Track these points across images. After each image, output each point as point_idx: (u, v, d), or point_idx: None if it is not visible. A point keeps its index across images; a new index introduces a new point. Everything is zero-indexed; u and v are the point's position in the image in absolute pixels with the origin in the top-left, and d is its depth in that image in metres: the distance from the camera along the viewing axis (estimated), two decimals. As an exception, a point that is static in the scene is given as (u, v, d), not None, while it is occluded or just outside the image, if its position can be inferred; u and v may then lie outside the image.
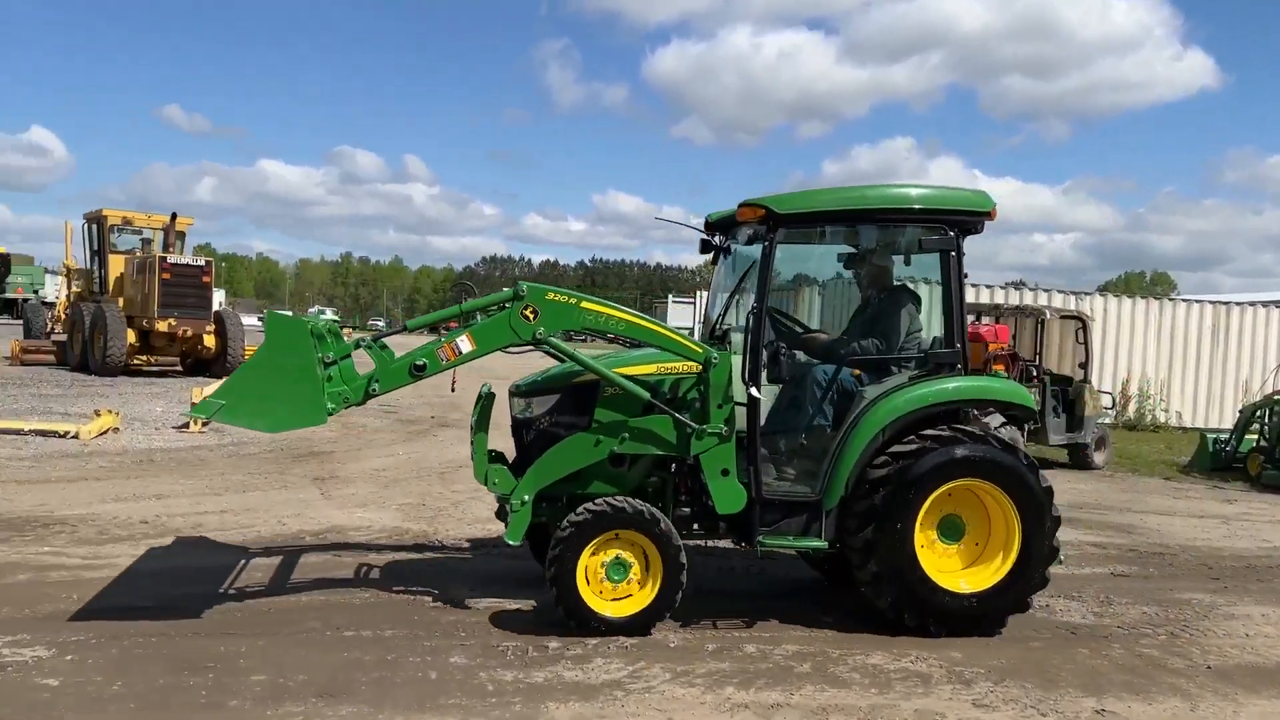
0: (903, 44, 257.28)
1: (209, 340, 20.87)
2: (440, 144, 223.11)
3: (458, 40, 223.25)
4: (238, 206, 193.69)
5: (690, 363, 5.72)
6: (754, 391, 5.65)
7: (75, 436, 11.37)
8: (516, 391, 6.19)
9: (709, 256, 6.67)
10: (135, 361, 20.77)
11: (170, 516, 7.87)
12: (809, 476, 5.88)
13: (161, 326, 19.95)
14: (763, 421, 5.80)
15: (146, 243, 21.94)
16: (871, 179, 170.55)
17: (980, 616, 5.70)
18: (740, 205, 5.84)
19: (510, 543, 5.70)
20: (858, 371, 6.07)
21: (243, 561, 6.67)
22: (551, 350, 5.66)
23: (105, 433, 11.87)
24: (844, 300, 16.85)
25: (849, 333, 6.37)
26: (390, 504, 8.88)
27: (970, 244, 5.98)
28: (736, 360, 5.71)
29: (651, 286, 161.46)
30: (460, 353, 5.57)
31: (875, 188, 6.04)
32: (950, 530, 5.82)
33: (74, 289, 23.55)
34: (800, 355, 6.27)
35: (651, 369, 5.84)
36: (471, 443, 5.97)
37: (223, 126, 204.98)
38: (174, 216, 21.35)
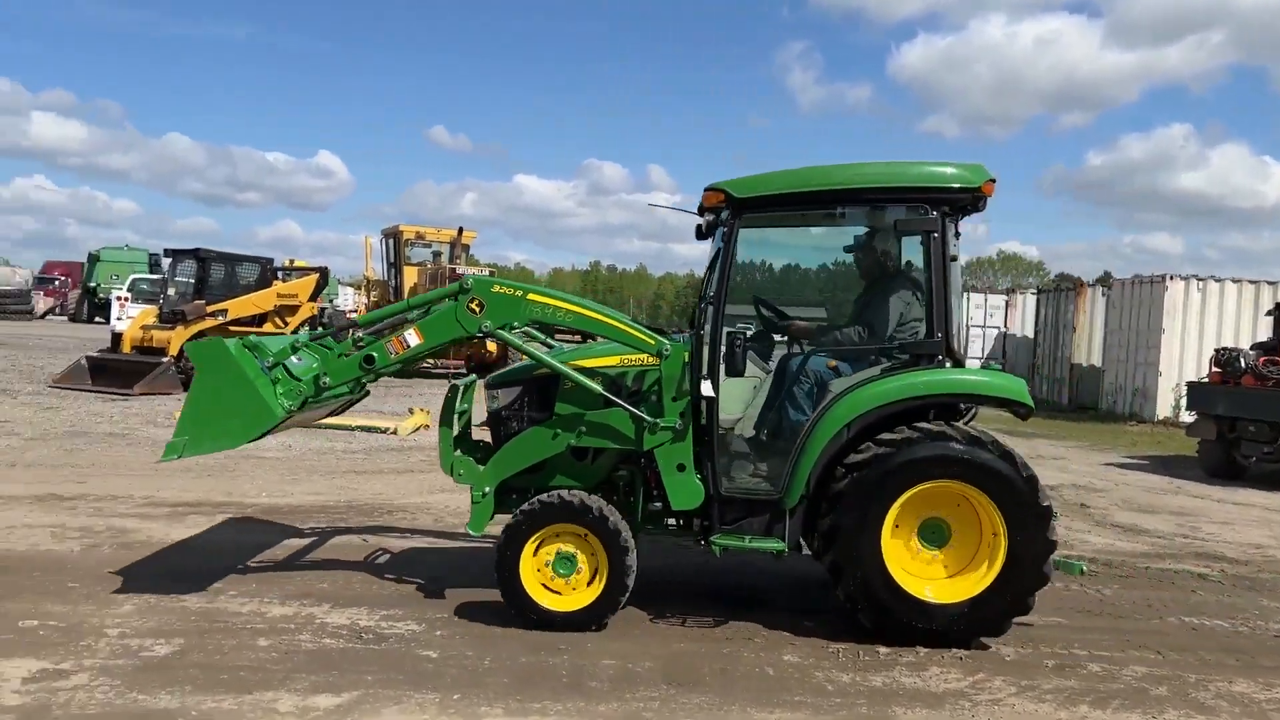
0: (1177, 23, 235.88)
1: (490, 345, 22.34)
2: (682, 154, 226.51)
3: (700, 50, 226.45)
4: (496, 219, 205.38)
5: (645, 355, 5.55)
6: (706, 387, 5.38)
7: (394, 432, 12.53)
8: (488, 384, 6.13)
9: (707, 242, 6.13)
10: (426, 364, 22.55)
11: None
12: (772, 474, 5.55)
13: (452, 333, 21.55)
14: (724, 415, 5.58)
15: (436, 255, 23.79)
16: (1143, 170, 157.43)
17: (965, 625, 5.23)
18: (705, 190, 5.58)
19: (471, 532, 5.74)
20: (833, 363, 5.69)
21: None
22: (502, 341, 5.68)
23: (418, 429, 12.99)
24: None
25: (845, 321, 5.97)
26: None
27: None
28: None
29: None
30: (408, 346, 5.63)
31: (841, 167, 5.62)
32: (933, 535, 5.36)
33: (372, 298, 25.88)
34: (764, 346, 5.99)
35: (615, 361, 5.68)
36: (439, 435, 5.96)
37: (482, 144, 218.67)
38: (460, 230, 23.04)
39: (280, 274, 19.59)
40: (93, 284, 45.93)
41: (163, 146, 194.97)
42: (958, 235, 5.56)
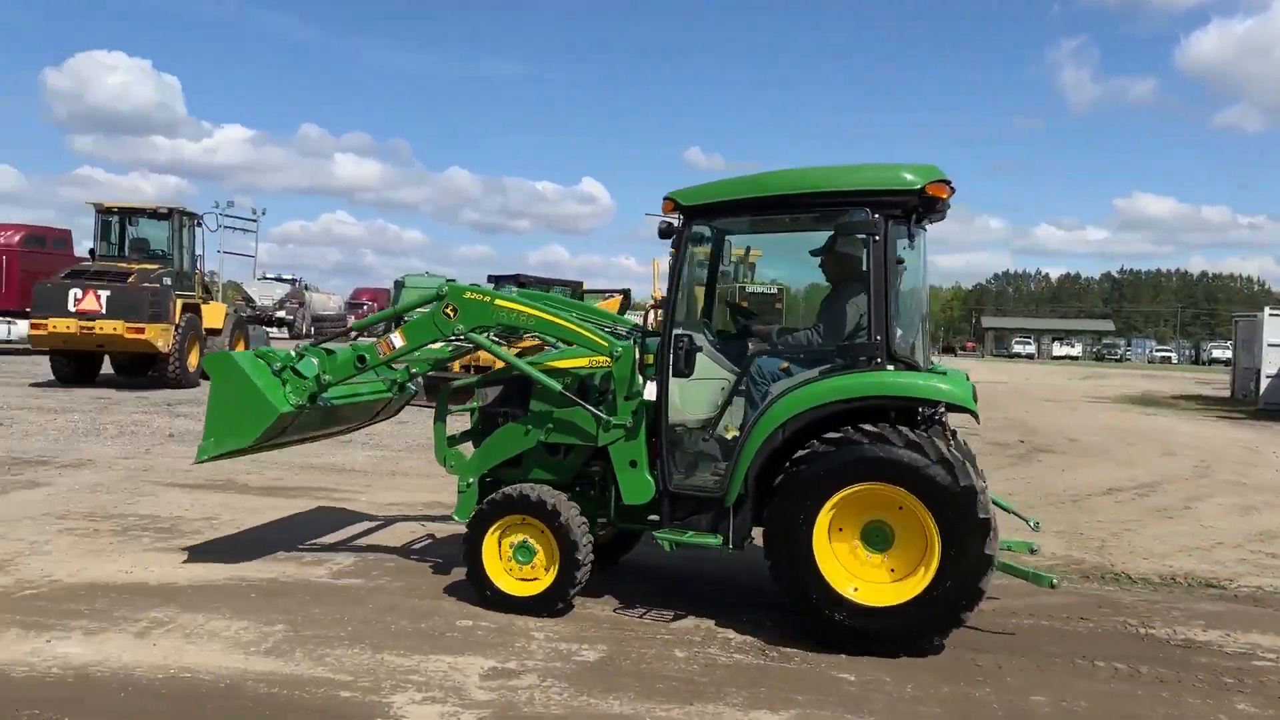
0: None
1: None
2: (943, 159, 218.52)
3: (958, 52, 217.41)
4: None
5: (601, 356, 5.77)
6: (649, 389, 5.61)
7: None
8: (479, 383, 6.76)
9: (705, 246, 6.32)
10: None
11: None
12: (718, 472, 5.65)
13: (741, 350, 21.71)
14: (689, 414, 5.74)
15: (724, 274, 24.06)
16: None
17: (897, 631, 5.13)
18: (663, 199, 5.75)
19: (456, 518, 6.07)
20: (785, 365, 5.69)
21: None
22: (474, 343, 6.20)
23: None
24: None
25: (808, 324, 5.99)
26: (1044, 530, 8.60)
27: None
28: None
29: (1194, 299, 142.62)
30: (394, 347, 6.20)
31: (780, 173, 5.73)
32: (877, 539, 5.26)
33: (657, 317, 26.60)
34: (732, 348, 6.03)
35: (584, 362, 5.96)
36: (434, 430, 6.54)
37: (735, 163, 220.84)
38: (747, 250, 23.19)
39: (584, 296, 20.47)
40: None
41: (445, 180, 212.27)
42: (911, 238, 5.52)
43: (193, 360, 19.24)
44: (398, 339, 6.22)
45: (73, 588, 5.89)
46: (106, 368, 20.05)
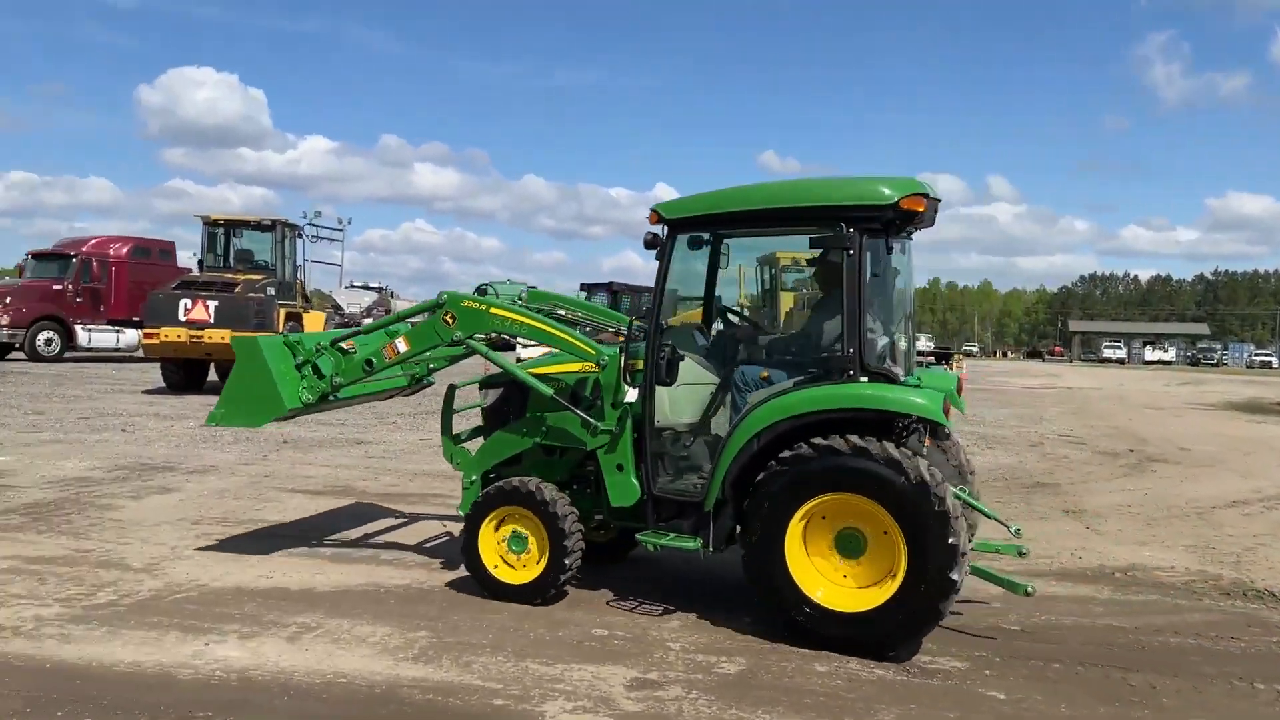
0: None
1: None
2: (1025, 161, 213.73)
3: (1041, 51, 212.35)
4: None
5: (589, 363, 6.03)
6: (631, 393, 5.83)
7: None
8: (481, 384, 6.92)
9: (706, 255, 6.42)
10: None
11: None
12: (700, 477, 5.82)
13: (832, 356, 21.45)
14: (675, 419, 5.92)
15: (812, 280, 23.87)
16: None
17: (871, 634, 5.23)
18: (650, 210, 5.93)
19: (460, 513, 6.30)
20: (766, 374, 5.78)
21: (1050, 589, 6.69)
22: (472, 349, 6.49)
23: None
24: None
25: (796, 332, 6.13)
26: (1172, 544, 8.36)
27: None
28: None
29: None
30: (399, 352, 6.47)
31: (760, 186, 5.86)
32: (850, 546, 5.37)
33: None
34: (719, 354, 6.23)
35: (577, 368, 6.20)
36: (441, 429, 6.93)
37: (810, 165, 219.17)
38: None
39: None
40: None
41: (521, 188, 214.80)
42: (889, 250, 5.59)
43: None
44: (402, 344, 6.49)
45: (219, 592, 6.09)
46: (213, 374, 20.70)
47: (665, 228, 5.94)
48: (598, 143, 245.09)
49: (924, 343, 72.91)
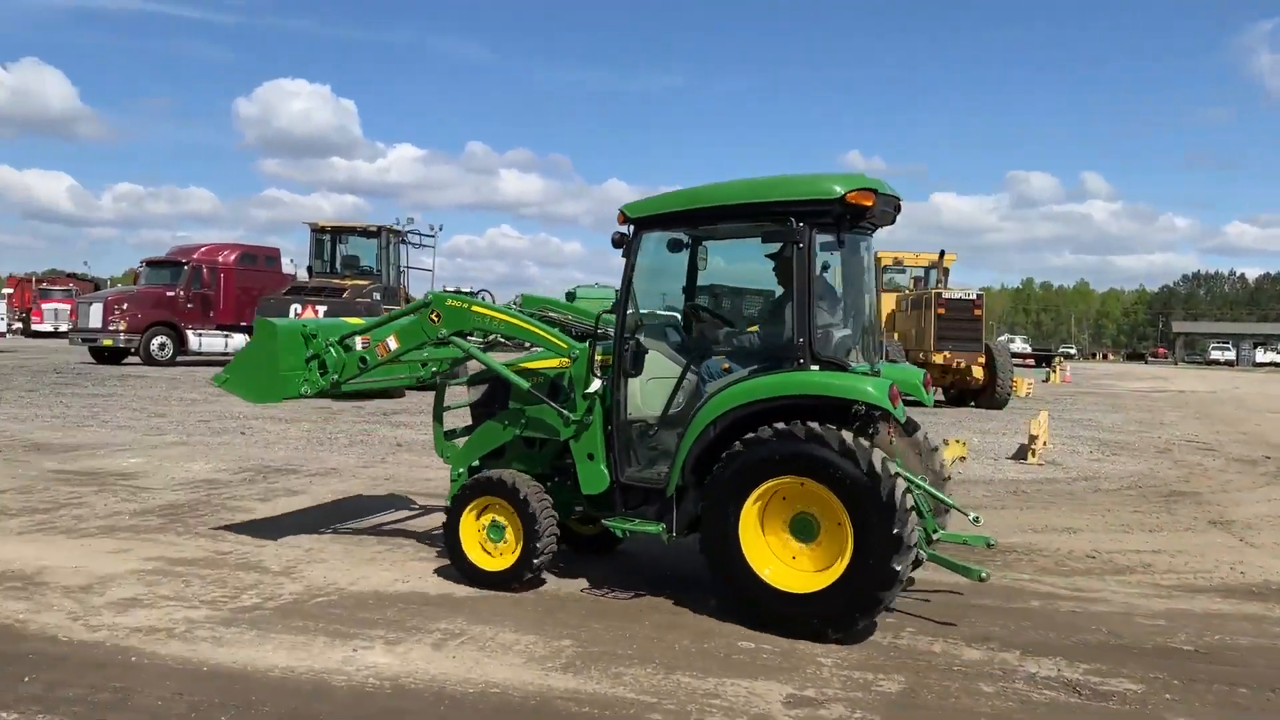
0: None
1: (977, 372, 21.40)
2: (1121, 157, 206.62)
3: (1141, 42, 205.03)
4: (911, 240, 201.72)
5: (564, 357, 6.30)
6: (595, 384, 6.06)
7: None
8: (469, 381, 7.50)
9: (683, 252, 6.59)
10: (910, 393, 22.05)
11: (1111, 553, 7.82)
12: (663, 464, 6.02)
13: (937, 359, 20.95)
14: (647, 410, 6.16)
15: (916, 280, 23.39)
16: None
17: (815, 617, 5.39)
18: (619, 210, 6.18)
19: (448, 503, 6.53)
20: (727, 365, 6.03)
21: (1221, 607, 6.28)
22: (456, 346, 6.73)
23: (955, 461, 12.59)
24: None
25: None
26: (1340, 559, 7.83)
27: None
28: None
29: None
30: (390, 349, 6.75)
31: (713, 186, 6.05)
32: (804, 530, 5.56)
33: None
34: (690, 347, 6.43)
35: (555, 363, 6.46)
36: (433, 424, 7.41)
37: (897, 166, 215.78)
38: (942, 254, 22.44)
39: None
40: (569, 319, 51.47)
41: (603, 193, 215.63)
42: (841, 244, 5.81)
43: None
44: (392, 341, 6.78)
45: (358, 596, 6.10)
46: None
47: (631, 227, 6.19)
48: (678, 146, 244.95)
49: (1020, 344, 70.96)
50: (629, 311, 6.10)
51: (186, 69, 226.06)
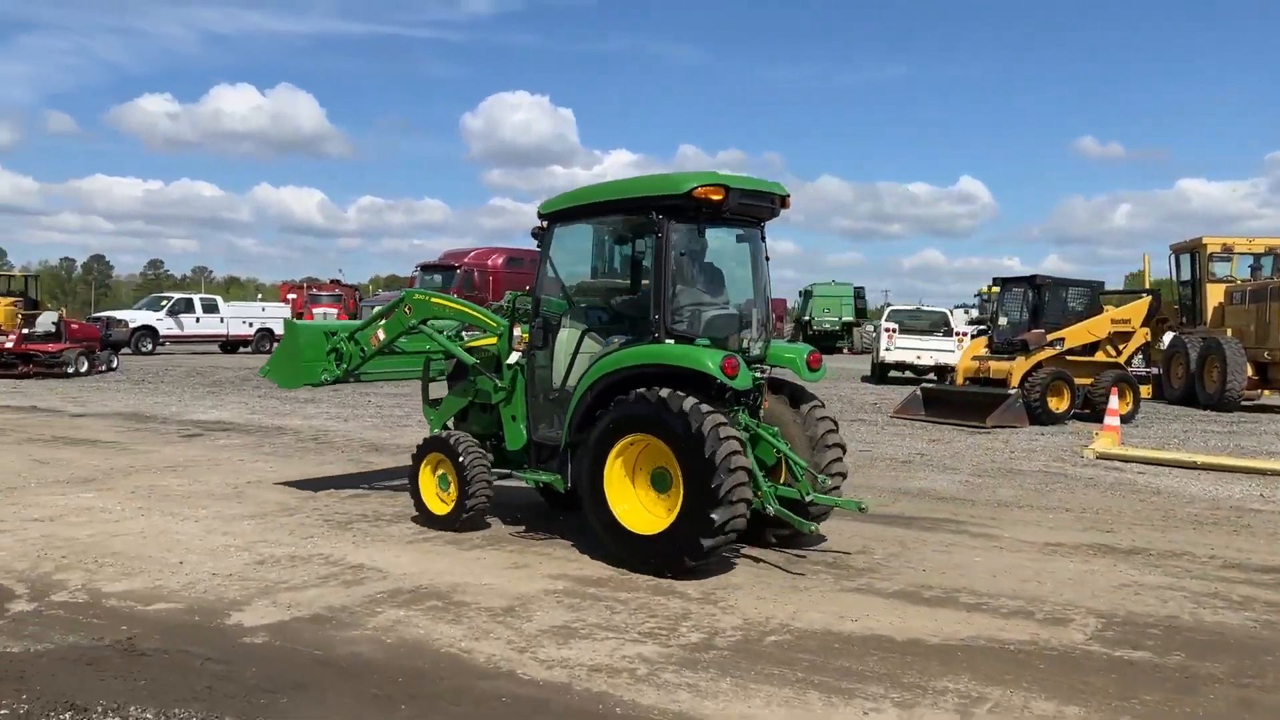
0: None
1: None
2: None
3: None
4: (1151, 230, 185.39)
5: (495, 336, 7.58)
6: (513, 356, 7.24)
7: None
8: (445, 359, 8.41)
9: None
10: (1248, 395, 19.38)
11: None
12: (560, 425, 6.88)
13: (1286, 357, 18.24)
14: (557, 379, 7.00)
15: (1254, 269, 20.54)
16: None
17: (657, 556, 6.16)
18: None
19: None
20: (618, 340, 6.75)
21: None
22: (424, 333, 8.12)
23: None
24: None
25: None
26: None
27: None
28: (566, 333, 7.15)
29: None
30: (380, 339, 8.20)
31: (602, 184, 7.18)
32: (662, 481, 6.31)
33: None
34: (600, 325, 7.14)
35: (494, 341, 7.63)
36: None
37: (1137, 150, 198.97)
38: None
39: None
40: (806, 317, 49.95)
41: (815, 189, 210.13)
42: (701, 234, 6.73)
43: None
44: (381, 333, 8.23)
45: (814, 636, 5.23)
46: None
47: (545, 222, 7.17)
48: (897, 139, 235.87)
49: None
50: (541, 295, 7.13)
51: (420, 87, 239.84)
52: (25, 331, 22.08)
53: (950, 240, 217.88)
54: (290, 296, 39.56)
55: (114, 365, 23.53)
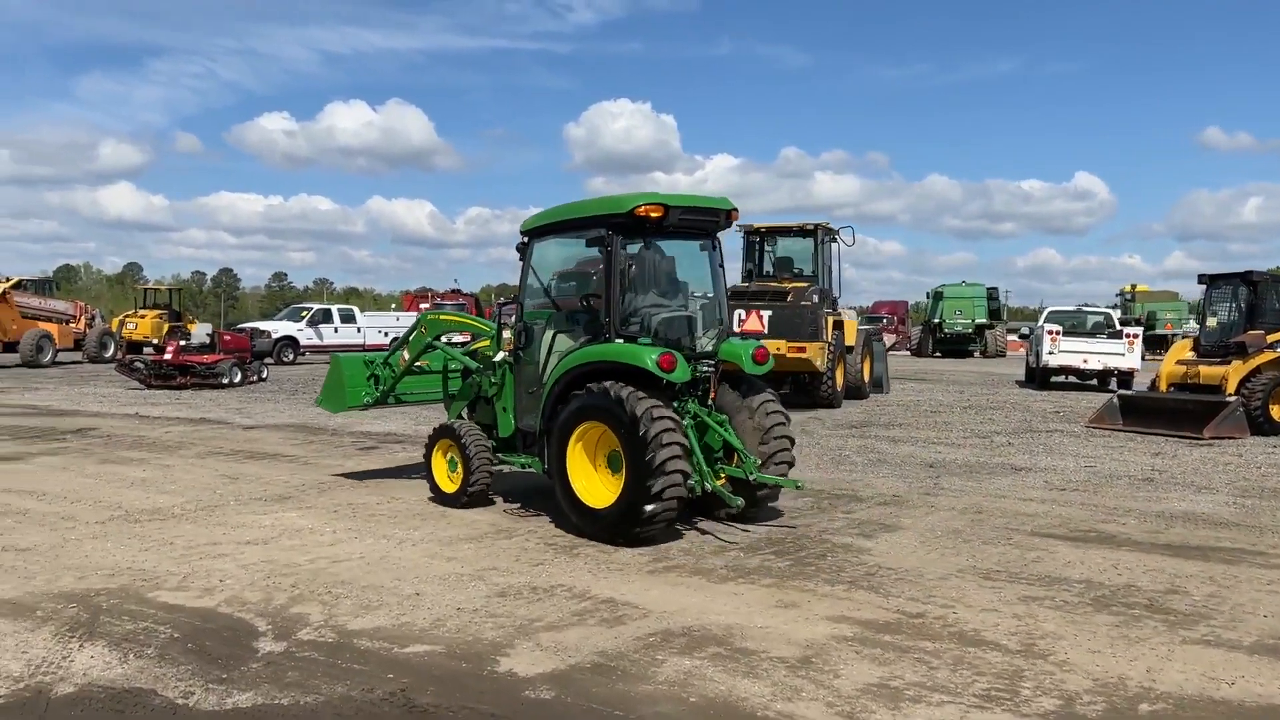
0: None
1: None
2: None
3: None
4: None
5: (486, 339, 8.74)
6: (500, 355, 8.24)
7: None
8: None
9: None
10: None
11: None
12: (537, 414, 7.82)
13: None
14: (527, 375, 8.07)
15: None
16: None
17: (607, 527, 7.04)
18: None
19: None
20: (585, 339, 7.63)
21: None
22: (439, 348, 9.36)
23: None
24: None
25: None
26: None
27: None
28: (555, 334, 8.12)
29: None
30: (405, 360, 9.42)
31: (564, 205, 8.10)
32: (615, 462, 7.10)
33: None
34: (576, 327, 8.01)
35: (487, 343, 8.74)
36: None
37: (1270, 140, 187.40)
38: None
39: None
40: (936, 320, 48.07)
41: (923, 189, 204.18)
42: (648, 247, 7.70)
43: (839, 378, 18.65)
44: (405, 353, 9.39)
45: (1208, 707, 4.34)
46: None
47: (526, 237, 8.16)
48: (1008, 136, 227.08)
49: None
50: (524, 301, 8.25)
51: (525, 98, 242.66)
52: (182, 343, 22.53)
53: (1066, 239, 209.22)
54: (424, 306, 39.96)
55: (264, 375, 23.83)
